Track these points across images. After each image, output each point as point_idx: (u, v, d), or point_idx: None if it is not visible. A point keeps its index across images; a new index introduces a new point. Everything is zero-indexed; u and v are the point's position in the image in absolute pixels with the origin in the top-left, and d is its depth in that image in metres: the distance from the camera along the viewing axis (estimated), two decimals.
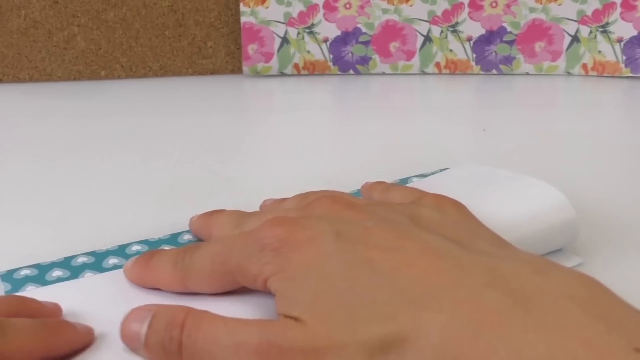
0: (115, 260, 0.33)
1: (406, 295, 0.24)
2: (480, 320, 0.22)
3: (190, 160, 0.48)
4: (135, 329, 0.26)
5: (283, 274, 0.26)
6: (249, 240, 0.27)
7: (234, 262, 0.28)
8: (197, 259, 0.29)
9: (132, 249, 0.34)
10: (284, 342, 0.24)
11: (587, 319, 0.21)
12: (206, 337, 0.25)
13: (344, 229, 0.27)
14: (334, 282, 0.25)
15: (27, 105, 0.60)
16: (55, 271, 0.32)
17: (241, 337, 0.25)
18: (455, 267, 0.24)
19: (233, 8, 0.63)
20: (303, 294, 0.25)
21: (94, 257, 0.33)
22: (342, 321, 0.24)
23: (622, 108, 0.58)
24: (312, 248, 0.26)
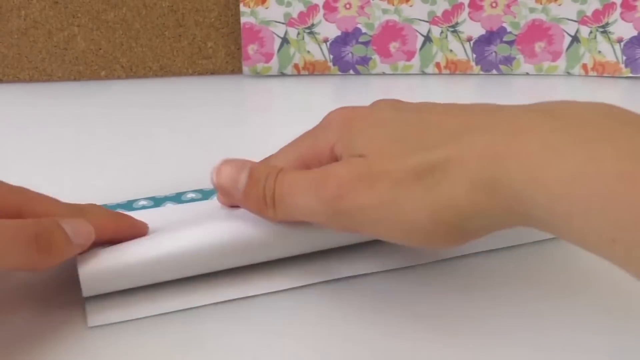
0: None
1: (451, 131, 0.27)
2: (515, 130, 0.26)
3: (190, 160, 0.48)
4: (234, 176, 0.31)
5: (346, 136, 0.30)
6: (317, 128, 0.32)
7: (303, 146, 0.32)
8: (272, 159, 0.33)
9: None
10: (344, 170, 0.28)
11: (604, 118, 0.25)
12: (291, 182, 0.30)
13: (400, 105, 0.31)
14: (390, 131, 0.29)
15: (27, 105, 0.60)
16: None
17: (313, 175, 0.29)
18: (495, 114, 0.27)
19: (233, 8, 0.63)
20: (363, 139, 0.29)
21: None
22: (394, 152, 0.28)
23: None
24: (372, 116, 0.30)
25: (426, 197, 0.26)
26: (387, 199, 0.27)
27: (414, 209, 0.27)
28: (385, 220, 0.27)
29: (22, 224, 0.29)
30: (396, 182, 0.27)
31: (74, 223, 0.31)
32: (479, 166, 0.25)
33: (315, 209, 0.29)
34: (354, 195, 0.28)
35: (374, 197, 0.27)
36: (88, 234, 0.31)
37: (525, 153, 0.24)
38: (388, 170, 0.27)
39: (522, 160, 0.24)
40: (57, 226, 0.30)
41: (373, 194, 0.27)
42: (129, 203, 0.40)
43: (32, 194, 0.32)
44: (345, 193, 0.28)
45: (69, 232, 0.30)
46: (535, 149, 0.24)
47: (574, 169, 0.23)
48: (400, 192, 0.27)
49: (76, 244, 0.30)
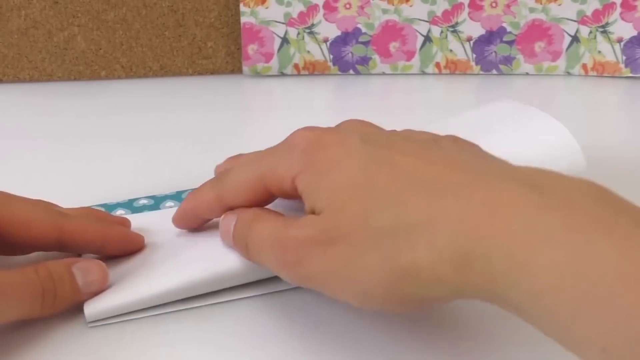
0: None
1: (422, 188, 0.25)
2: (495, 203, 0.23)
3: (190, 160, 0.48)
4: (227, 229, 0.31)
5: (309, 171, 0.28)
6: (280, 147, 0.30)
7: (265, 166, 0.30)
8: (232, 174, 0.32)
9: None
10: (301, 235, 0.27)
11: (597, 204, 0.22)
12: (259, 235, 0.29)
13: (370, 137, 0.28)
14: (354, 176, 0.26)
15: (27, 105, 0.60)
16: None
17: (276, 234, 0.28)
18: (473, 169, 0.25)
19: (233, 8, 0.63)
20: (324, 189, 0.27)
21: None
22: (355, 211, 0.25)
23: (622, 108, 0.58)
24: (338, 148, 0.28)
25: (383, 264, 0.24)
26: (342, 265, 0.25)
27: (368, 276, 0.25)
28: (341, 285, 0.26)
29: (30, 279, 0.28)
30: (353, 246, 0.25)
31: (88, 269, 0.30)
32: (450, 237, 0.23)
33: (277, 269, 0.28)
34: (310, 260, 0.26)
35: (329, 263, 0.26)
36: (101, 281, 0.31)
37: (508, 232, 0.22)
38: (345, 233, 0.25)
39: (503, 240, 0.22)
40: (68, 274, 0.30)
41: (328, 260, 0.26)
42: (129, 202, 0.40)
43: (10, 198, 0.32)
44: (302, 259, 0.27)
45: (80, 279, 0.30)
46: (519, 229, 0.22)
47: (567, 260, 0.20)
48: (356, 258, 0.25)
49: (85, 292, 0.30)
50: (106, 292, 0.31)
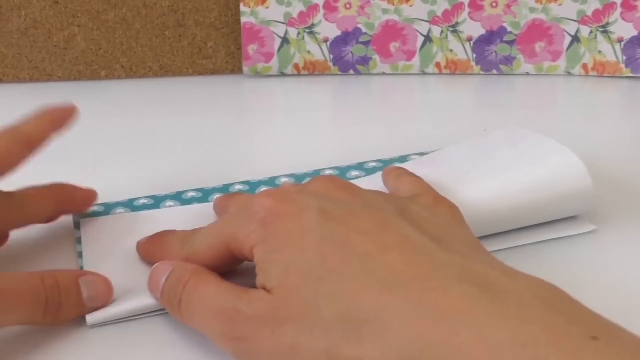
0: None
1: (374, 279, 0.24)
2: (444, 307, 0.23)
3: (190, 160, 0.48)
4: (157, 280, 0.30)
5: (264, 245, 0.27)
6: (242, 212, 0.29)
7: (227, 233, 0.29)
8: (199, 237, 0.31)
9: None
10: (249, 310, 0.26)
11: (549, 311, 0.22)
12: (199, 298, 0.28)
13: (329, 207, 0.27)
14: (308, 256, 0.26)
15: (27, 106, 0.60)
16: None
17: (222, 302, 0.27)
18: (427, 261, 0.25)
19: (233, 8, 0.63)
20: (278, 266, 0.26)
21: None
22: (306, 295, 0.25)
23: (622, 108, 0.58)
24: (294, 221, 0.27)
25: (330, 356, 0.24)
26: (287, 349, 0.25)
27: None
28: None
29: (34, 286, 0.28)
30: (300, 331, 0.25)
31: (94, 282, 0.30)
32: (397, 339, 0.23)
33: (216, 339, 0.27)
34: (256, 338, 0.26)
35: (275, 344, 0.25)
36: (105, 296, 0.31)
37: (455, 343, 0.22)
38: (294, 316, 0.25)
39: (451, 350, 0.22)
40: (75, 286, 0.30)
41: (274, 341, 0.25)
42: (129, 201, 0.40)
43: None
44: (248, 335, 0.26)
45: (85, 293, 0.30)
46: (467, 340, 0.21)
47: None
48: (302, 344, 0.24)
49: (89, 307, 0.30)
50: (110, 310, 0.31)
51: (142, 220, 0.38)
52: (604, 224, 0.37)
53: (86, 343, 0.30)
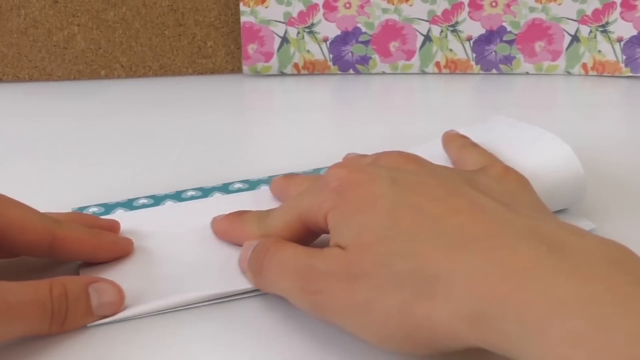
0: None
1: (444, 239, 0.25)
2: (512, 264, 0.23)
3: (190, 159, 0.48)
4: (245, 255, 0.32)
5: (338, 210, 0.29)
6: (316, 185, 0.31)
7: (301, 207, 0.31)
8: (275, 215, 0.33)
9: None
10: (325, 266, 0.27)
11: (616, 271, 0.22)
12: (279, 260, 0.30)
13: (400, 177, 0.29)
14: (380, 218, 0.27)
15: (26, 105, 0.60)
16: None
17: (299, 260, 0.29)
18: (496, 221, 0.25)
19: (233, 7, 0.63)
20: (351, 228, 0.27)
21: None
22: (378, 253, 0.26)
23: (622, 108, 0.58)
24: (366, 188, 0.28)
25: (403, 311, 0.25)
26: (362, 303, 0.26)
27: (387, 319, 0.25)
28: (358, 321, 0.26)
29: (41, 298, 0.28)
30: (374, 286, 0.26)
31: (105, 290, 0.30)
32: (467, 294, 0.23)
33: (294, 294, 0.29)
34: (331, 293, 0.27)
35: (349, 298, 0.26)
36: (116, 305, 0.30)
37: (523, 298, 0.22)
38: (368, 272, 0.26)
39: (518, 304, 0.22)
40: (84, 294, 0.30)
41: (349, 295, 0.26)
42: (129, 201, 0.40)
43: (7, 201, 0.32)
44: (323, 288, 0.27)
45: (95, 301, 0.30)
46: (534, 296, 0.22)
47: (581, 333, 0.21)
48: (376, 299, 0.25)
49: (98, 315, 0.30)
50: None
51: (141, 220, 0.38)
52: (603, 223, 0.37)
53: (86, 343, 0.30)
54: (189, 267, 0.34)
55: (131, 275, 0.33)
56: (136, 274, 0.33)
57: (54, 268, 0.34)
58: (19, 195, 0.33)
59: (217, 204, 0.39)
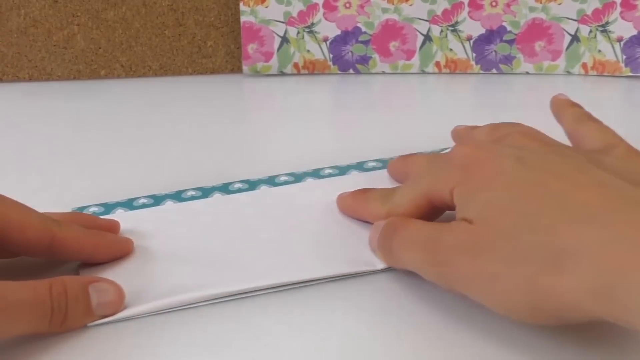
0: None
1: (571, 214, 0.26)
2: (639, 238, 0.24)
3: (190, 159, 0.48)
4: (374, 235, 0.34)
5: (464, 185, 0.30)
6: (441, 163, 0.32)
7: (427, 183, 0.32)
8: (400, 193, 0.34)
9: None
10: (451, 239, 0.28)
11: None
12: (407, 235, 0.31)
13: (525, 155, 0.30)
14: (506, 192, 0.28)
15: (26, 105, 0.60)
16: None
17: (426, 234, 0.30)
18: (622, 197, 0.26)
19: (233, 7, 0.63)
20: (478, 202, 0.28)
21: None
22: (505, 227, 0.27)
23: (622, 108, 0.58)
24: (492, 165, 0.29)
25: (529, 283, 0.26)
26: (489, 274, 0.27)
27: (513, 290, 0.26)
28: (485, 292, 0.28)
29: (41, 297, 0.28)
30: (500, 259, 0.27)
31: (105, 290, 0.30)
32: (593, 267, 0.24)
33: (422, 267, 0.30)
34: (458, 264, 0.28)
35: (476, 269, 0.27)
36: (116, 304, 0.30)
37: None
38: (495, 245, 0.27)
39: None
40: (84, 294, 0.29)
41: (476, 266, 0.27)
42: (129, 201, 0.40)
43: (6, 201, 0.32)
44: (450, 260, 0.28)
45: (94, 300, 0.30)
46: None
47: None
48: (502, 270, 0.26)
49: (98, 314, 0.30)
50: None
51: (141, 219, 0.38)
52: None
53: (86, 343, 0.30)
54: (189, 266, 0.34)
55: (131, 275, 0.33)
56: (136, 274, 0.33)
57: (54, 268, 0.34)
58: (19, 195, 0.33)
59: (217, 204, 0.40)
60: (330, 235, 0.36)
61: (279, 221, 0.37)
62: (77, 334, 0.30)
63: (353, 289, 0.33)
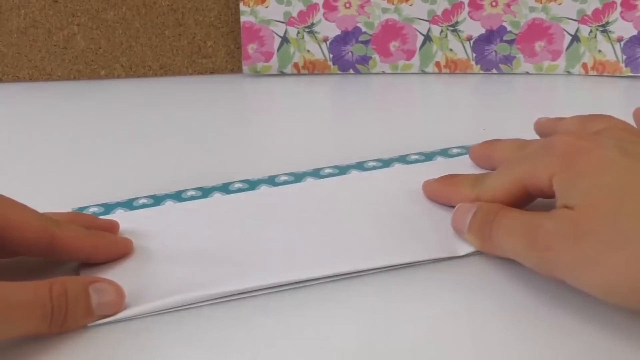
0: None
1: None
2: None
3: (190, 159, 0.48)
4: (463, 217, 0.34)
5: (565, 173, 0.30)
6: (538, 151, 0.33)
7: (522, 170, 0.33)
8: (492, 178, 0.35)
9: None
10: (552, 225, 0.29)
11: None
12: (507, 223, 0.32)
13: (627, 147, 0.31)
14: (608, 180, 0.29)
15: (27, 105, 0.60)
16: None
17: (527, 221, 0.31)
18: None
19: (233, 7, 0.63)
20: (579, 189, 0.29)
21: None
22: (606, 212, 0.28)
23: (622, 108, 0.58)
24: (595, 155, 0.30)
25: (630, 265, 0.26)
26: (589, 259, 0.27)
27: (614, 274, 0.27)
28: (584, 276, 0.28)
29: (41, 297, 0.28)
30: (602, 243, 0.27)
31: (105, 290, 0.30)
32: None
33: (522, 253, 0.31)
34: (558, 249, 0.28)
35: (576, 254, 0.28)
36: (116, 305, 0.30)
37: None
38: (595, 230, 0.28)
39: None
40: (84, 294, 0.29)
41: (576, 252, 0.28)
42: (129, 201, 0.40)
43: (6, 200, 0.32)
44: (551, 245, 0.29)
45: (94, 301, 0.30)
46: None
47: None
48: (603, 254, 0.27)
49: (98, 315, 0.30)
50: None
51: (141, 219, 0.38)
52: None
53: (86, 343, 0.30)
54: (189, 266, 0.34)
55: (131, 275, 0.33)
56: (136, 274, 0.33)
57: (54, 268, 0.34)
58: (19, 195, 0.33)
59: (217, 203, 0.40)
60: (333, 234, 0.36)
61: (280, 220, 0.37)
62: (77, 334, 0.30)
63: (353, 289, 0.33)
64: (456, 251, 0.34)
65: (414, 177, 0.40)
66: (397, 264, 0.33)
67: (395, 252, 0.34)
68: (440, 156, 0.44)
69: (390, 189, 0.40)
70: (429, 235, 0.35)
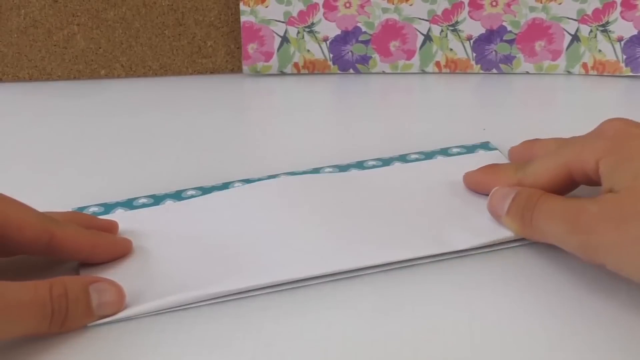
0: None
1: None
2: None
3: (190, 159, 0.48)
4: (500, 201, 0.34)
5: (613, 156, 0.31)
6: (586, 137, 0.33)
7: (568, 154, 0.33)
8: (536, 162, 0.35)
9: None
10: (595, 208, 0.29)
11: None
12: (549, 208, 0.32)
13: None
14: None
15: (26, 105, 0.60)
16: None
17: (569, 206, 0.31)
18: None
19: (233, 7, 0.63)
20: (626, 172, 0.30)
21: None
22: None
23: (622, 108, 0.58)
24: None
25: None
26: (633, 239, 0.28)
27: None
28: (627, 258, 0.28)
29: (41, 297, 0.28)
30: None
31: (105, 290, 0.30)
32: None
33: (563, 237, 0.31)
34: (601, 232, 0.29)
35: (620, 236, 0.28)
36: (117, 304, 0.30)
37: None
38: (638, 211, 0.28)
39: None
40: (84, 294, 0.29)
41: (620, 233, 0.28)
42: (129, 201, 0.40)
43: (5, 199, 0.32)
44: (593, 229, 0.29)
45: (95, 301, 0.30)
46: None
47: None
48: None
49: (98, 315, 0.30)
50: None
51: (141, 219, 0.38)
52: None
53: (86, 343, 0.30)
54: (189, 266, 0.34)
55: (131, 275, 0.33)
56: (136, 274, 0.33)
57: (54, 268, 0.34)
58: (19, 195, 0.33)
59: (217, 204, 0.40)
60: (337, 230, 0.36)
61: (279, 215, 0.37)
62: (77, 334, 0.30)
63: (353, 289, 0.33)
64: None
65: (414, 176, 0.40)
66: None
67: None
68: (440, 155, 0.44)
69: (375, 186, 0.40)
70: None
